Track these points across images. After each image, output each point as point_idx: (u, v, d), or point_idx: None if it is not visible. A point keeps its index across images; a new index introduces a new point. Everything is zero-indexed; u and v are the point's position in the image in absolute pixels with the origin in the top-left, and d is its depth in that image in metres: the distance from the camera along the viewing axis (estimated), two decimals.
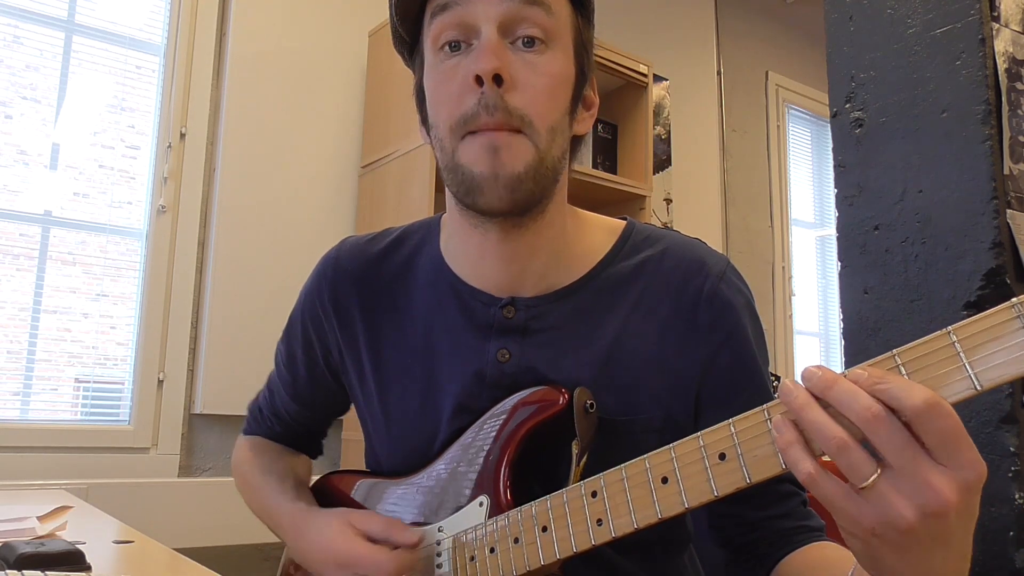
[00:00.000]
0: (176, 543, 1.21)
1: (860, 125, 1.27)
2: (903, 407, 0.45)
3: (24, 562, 0.83)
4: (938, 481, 0.44)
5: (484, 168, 0.68)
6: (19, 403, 1.96)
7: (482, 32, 0.68)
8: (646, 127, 2.54)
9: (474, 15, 0.69)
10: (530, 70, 0.69)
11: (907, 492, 0.45)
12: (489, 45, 0.67)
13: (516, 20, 0.69)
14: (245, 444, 0.99)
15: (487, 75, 0.66)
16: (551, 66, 0.70)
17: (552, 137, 0.70)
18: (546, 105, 0.69)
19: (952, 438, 0.45)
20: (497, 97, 0.67)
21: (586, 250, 0.79)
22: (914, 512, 0.45)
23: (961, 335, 0.46)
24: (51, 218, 2.03)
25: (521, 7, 0.68)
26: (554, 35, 0.70)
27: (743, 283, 0.79)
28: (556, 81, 0.71)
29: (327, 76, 2.41)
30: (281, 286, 2.18)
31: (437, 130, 0.72)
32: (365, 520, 0.74)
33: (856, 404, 0.46)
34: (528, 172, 0.68)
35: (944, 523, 0.45)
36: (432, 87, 0.73)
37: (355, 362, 0.85)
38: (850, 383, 0.47)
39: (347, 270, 0.85)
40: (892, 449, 0.45)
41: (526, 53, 0.69)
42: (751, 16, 3.80)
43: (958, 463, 0.45)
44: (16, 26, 2.01)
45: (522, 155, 0.68)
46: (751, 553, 0.76)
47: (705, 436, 0.55)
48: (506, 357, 0.76)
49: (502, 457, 0.70)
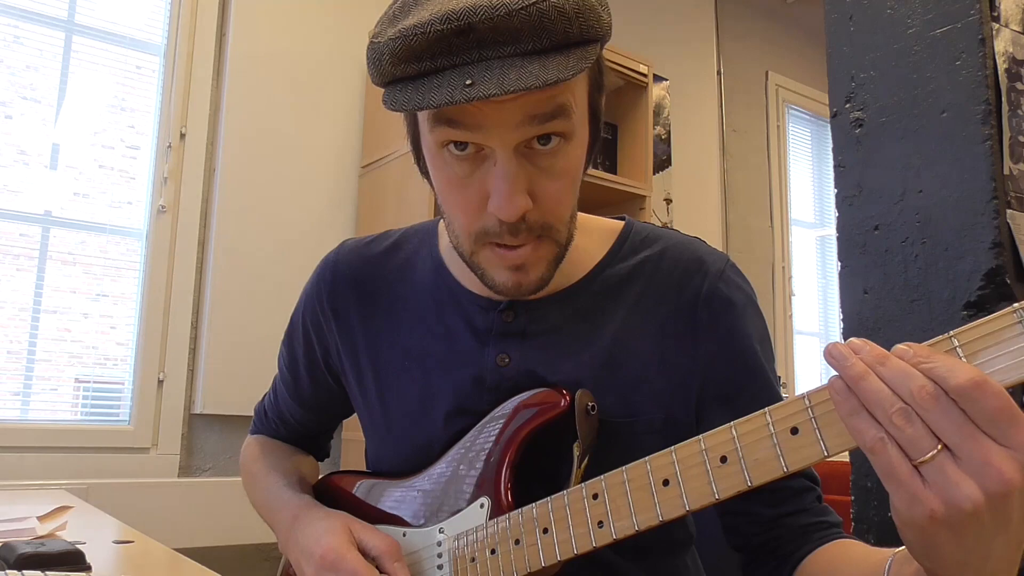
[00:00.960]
0: (176, 543, 1.21)
1: (860, 125, 1.27)
2: (948, 386, 0.43)
3: (24, 562, 0.84)
4: (999, 460, 0.42)
5: (507, 280, 0.67)
6: (19, 403, 1.96)
7: (497, 155, 0.62)
8: (646, 127, 2.54)
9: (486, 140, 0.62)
10: (548, 177, 0.64)
11: (969, 472, 0.43)
12: (509, 186, 0.61)
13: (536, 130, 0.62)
14: (253, 442, 1.00)
15: (512, 220, 0.63)
16: (569, 162, 0.66)
17: (572, 220, 0.69)
18: (566, 204, 0.67)
19: (1004, 417, 0.42)
20: (521, 221, 0.64)
21: (584, 252, 0.78)
22: (978, 491, 0.42)
23: (963, 339, 0.46)
24: (51, 218, 2.03)
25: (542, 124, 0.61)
26: (571, 129, 0.64)
27: (744, 281, 0.79)
28: (574, 175, 0.68)
29: (327, 76, 2.41)
30: (281, 286, 2.18)
31: (452, 225, 0.69)
32: (366, 532, 0.73)
33: (910, 382, 0.44)
34: (551, 268, 0.68)
35: (1007, 504, 0.43)
36: (440, 185, 0.68)
37: (354, 364, 0.85)
38: (901, 361, 0.45)
39: (346, 273, 0.85)
40: (949, 428, 0.43)
41: (543, 157, 0.64)
42: (751, 16, 3.80)
43: (1016, 442, 0.42)
44: (16, 26, 2.01)
45: (545, 258, 0.67)
46: (771, 553, 0.73)
47: (707, 439, 0.55)
48: (506, 361, 0.75)
49: (503, 459, 0.70)
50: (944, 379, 0.43)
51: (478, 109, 0.60)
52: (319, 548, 0.71)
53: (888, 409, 0.44)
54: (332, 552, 0.70)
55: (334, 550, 0.70)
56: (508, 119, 0.60)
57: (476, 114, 0.60)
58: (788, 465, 0.51)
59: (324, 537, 0.72)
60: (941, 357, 0.45)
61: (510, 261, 0.66)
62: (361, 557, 0.70)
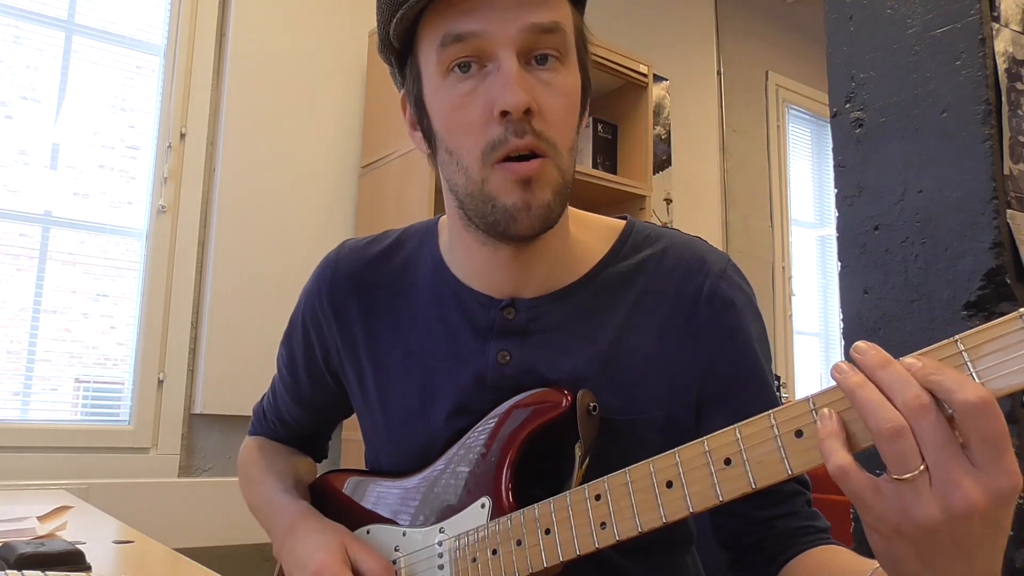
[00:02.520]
0: (176, 543, 1.21)
1: (860, 125, 1.27)
2: (953, 400, 0.43)
3: (24, 562, 0.84)
4: (968, 483, 0.43)
5: (517, 200, 0.67)
6: (19, 403, 1.96)
7: (501, 59, 0.66)
8: (646, 127, 2.54)
9: (492, 42, 0.66)
10: (549, 92, 0.67)
11: (936, 489, 0.44)
12: (514, 77, 0.65)
13: (535, 42, 0.67)
14: (252, 443, 1.00)
15: (518, 111, 0.65)
16: (567, 83, 0.69)
17: (571, 156, 0.71)
18: (566, 125, 0.69)
19: (996, 442, 0.43)
20: (525, 122, 0.66)
21: (586, 250, 0.78)
22: (939, 510, 0.44)
23: (968, 344, 0.46)
24: (51, 218, 2.03)
25: (540, 35, 0.67)
26: (568, 51, 0.69)
27: (744, 281, 0.79)
28: (572, 99, 0.70)
29: (327, 76, 2.41)
30: (281, 286, 2.18)
31: (460, 158, 0.70)
32: (361, 552, 0.73)
33: (907, 391, 0.45)
34: (556, 198, 0.69)
35: (968, 527, 0.44)
36: (446, 112, 0.70)
37: (354, 364, 0.85)
38: (902, 368, 0.46)
39: (346, 273, 0.85)
40: (932, 444, 0.44)
41: (542, 72, 0.68)
42: (751, 16, 3.80)
43: (996, 469, 0.43)
44: (16, 26, 2.01)
45: (550, 182, 0.68)
46: (758, 553, 0.75)
47: (710, 440, 0.55)
48: (506, 359, 0.75)
49: (504, 459, 0.70)
50: (951, 392, 0.44)
51: (483, 16, 0.66)
52: (313, 563, 0.71)
53: (884, 420, 0.45)
54: (326, 570, 0.70)
55: (327, 567, 0.70)
56: (510, 24, 0.66)
57: (481, 19, 0.66)
58: (792, 468, 0.51)
59: (318, 552, 0.72)
60: (951, 371, 0.45)
61: (519, 174, 0.67)
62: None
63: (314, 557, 0.72)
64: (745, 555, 0.76)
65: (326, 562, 0.71)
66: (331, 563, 0.70)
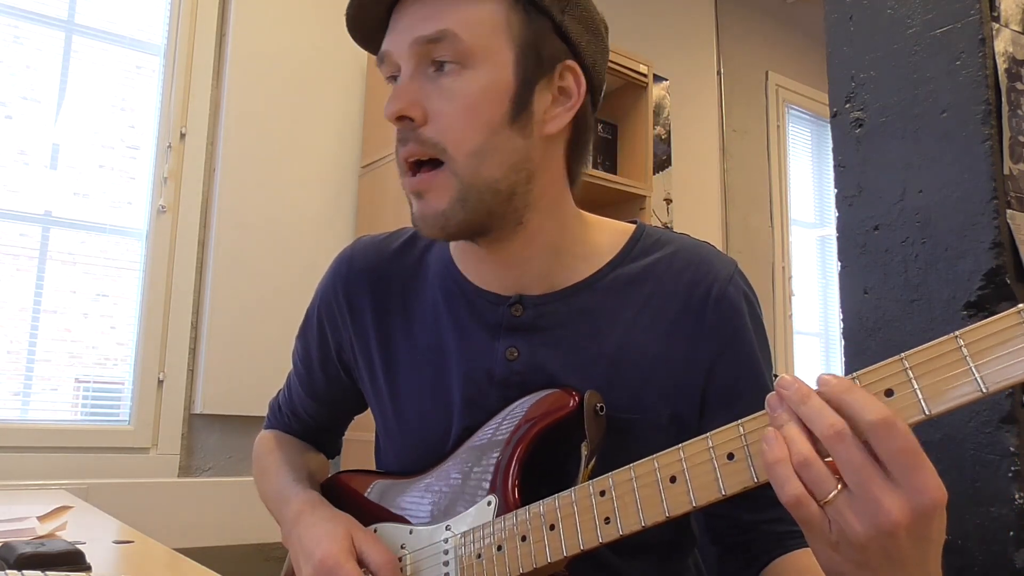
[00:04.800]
0: (176, 543, 1.21)
1: (860, 125, 1.27)
2: (860, 422, 0.47)
3: (24, 562, 0.84)
4: (888, 501, 0.46)
5: (415, 210, 0.73)
6: (19, 403, 1.95)
7: (402, 72, 0.72)
8: (646, 127, 2.54)
9: (397, 57, 0.72)
10: (444, 98, 0.69)
11: (859, 509, 0.47)
12: (397, 89, 0.71)
13: (426, 52, 0.70)
14: (266, 436, 1.01)
15: (390, 119, 0.70)
16: (466, 88, 0.69)
17: (479, 160, 0.70)
18: (463, 130, 0.69)
19: (905, 458, 0.46)
20: (408, 131, 0.70)
21: (593, 250, 0.79)
22: (865, 527, 0.47)
23: (968, 339, 0.47)
24: (51, 218, 2.03)
25: (428, 46, 0.69)
26: (471, 55, 0.69)
27: (749, 287, 0.81)
28: (472, 102, 0.69)
29: (327, 76, 2.41)
30: (281, 286, 2.18)
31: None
32: (367, 543, 0.73)
33: (821, 421, 0.48)
34: (453, 206, 0.70)
35: (895, 542, 0.47)
36: None
37: (367, 359, 0.86)
38: (820, 400, 0.49)
39: (361, 268, 0.87)
40: (849, 467, 0.47)
41: (442, 78, 0.70)
42: (751, 16, 3.80)
43: (912, 485, 0.46)
44: (16, 26, 2.01)
45: (444, 191, 0.70)
46: (744, 552, 0.77)
47: (714, 437, 0.56)
48: (514, 355, 0.76)
49: (511, 458, 0.71)
50: (856, 414, 0.47)
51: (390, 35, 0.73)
52: (319, 551, 0.72)
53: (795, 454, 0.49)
54: (331, 558, 0.70)
55: (333, 556, 0.70)
56: (404, 39, 0.71)
57: (388, 39, 0.73)
58: None
59: (324, 541, 0.72)
60: (859, 393, 0.48)
61: (410, 187, 0.72)
62: (358, 569, 0.70)
63: (320, 546, 0.72)
64: (731, 553, 0.79)
65: (331, 551, 0.71)
66: (336, 552, 0.71)
